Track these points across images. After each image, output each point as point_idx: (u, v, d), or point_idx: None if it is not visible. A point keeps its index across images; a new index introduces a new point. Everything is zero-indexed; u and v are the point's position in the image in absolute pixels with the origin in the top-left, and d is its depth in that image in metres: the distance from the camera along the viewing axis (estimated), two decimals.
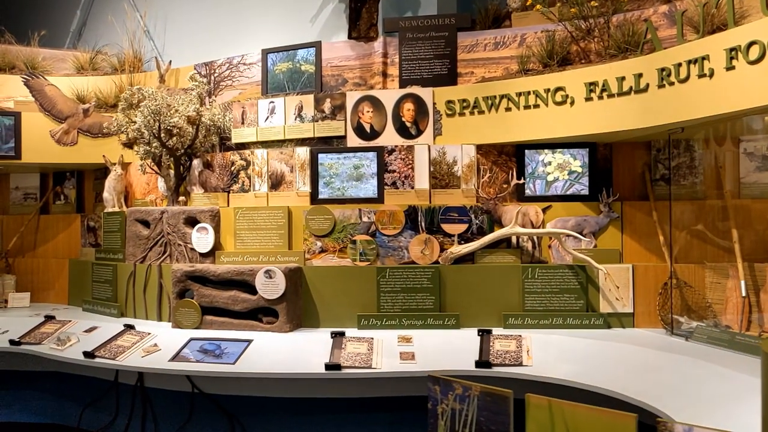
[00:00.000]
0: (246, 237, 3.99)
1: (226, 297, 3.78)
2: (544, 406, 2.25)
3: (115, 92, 4.94)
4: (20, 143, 4.74)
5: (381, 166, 3.91)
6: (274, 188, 4.11)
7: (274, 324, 3.68)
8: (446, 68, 4.06)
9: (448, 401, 2.35)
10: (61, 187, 5.51)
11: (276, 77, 4.38)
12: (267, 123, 4.27)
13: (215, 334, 3.70)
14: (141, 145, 4.23)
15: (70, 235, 5.34)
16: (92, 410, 4.27)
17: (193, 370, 3.37)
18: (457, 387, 2.37)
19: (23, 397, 4.50)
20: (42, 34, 5.21)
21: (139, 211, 4.35)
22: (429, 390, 2.61)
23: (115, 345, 3.74)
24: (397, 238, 3.80)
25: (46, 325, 4.27)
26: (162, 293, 4.12)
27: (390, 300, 3.70)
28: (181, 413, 3.85)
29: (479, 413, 2.31)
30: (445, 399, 2.43)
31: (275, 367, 3.30)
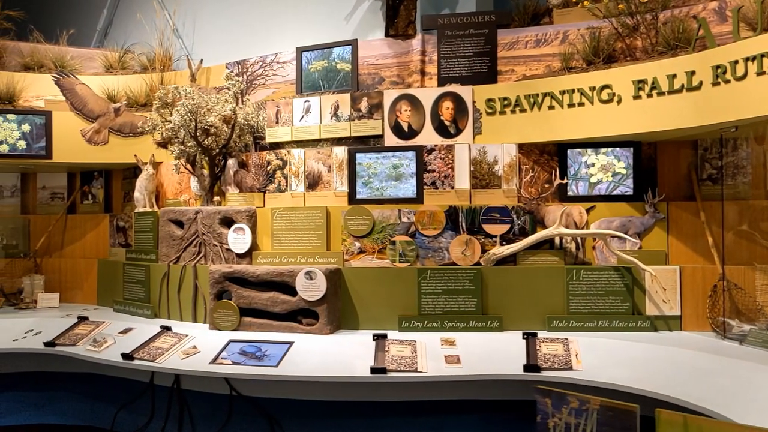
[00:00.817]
0: (283, 237, 3.94)
1: (265, 298, 3.73)
2: (678, 422, 2.12)
3: (146, 91, 4.91)
4: (51, 143, 4.71)
5: (420, 166, 3.85)
6: (311, 188, 4.06)
7: (314, 326, 3.63)
8: (486, 66, 3.99)
9: (562, 415, 2.27)
10: (89, 187, 5.48)
11: (311, 76, 4.33)
12: (302, 122, 4.22)
13: (254, 336, 3.65)
14: (175, 145, 4.18)
15: (98, 235, 5.31)
16: (126, 412, 4.23)
17: (234, 373, 3.33)
18: (573, 400, 2.28)
19: (56, 398, 4.47)
20: (71, 33, 5.17)
21: (172, 211, 4.31)
22: (538, 403, 2.51)
23: (153, 347, 3.70)
24: (437, 239, 3.74)
25: (79, 326, 4.24)
26: (197, 294, 4.08)
27: (431, 302, 3.64)
28: (218, 416, 3.80)
29: (599, 428, 2.21)
30: (557, 412, 2.33)
31: (319, 370, 3.25)
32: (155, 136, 4.39)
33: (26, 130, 4.65)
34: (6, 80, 4.74)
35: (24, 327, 4.35)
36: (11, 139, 4.61)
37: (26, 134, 4.65)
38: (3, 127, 4.59)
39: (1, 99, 4.69)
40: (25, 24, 5.11)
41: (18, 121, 4.63)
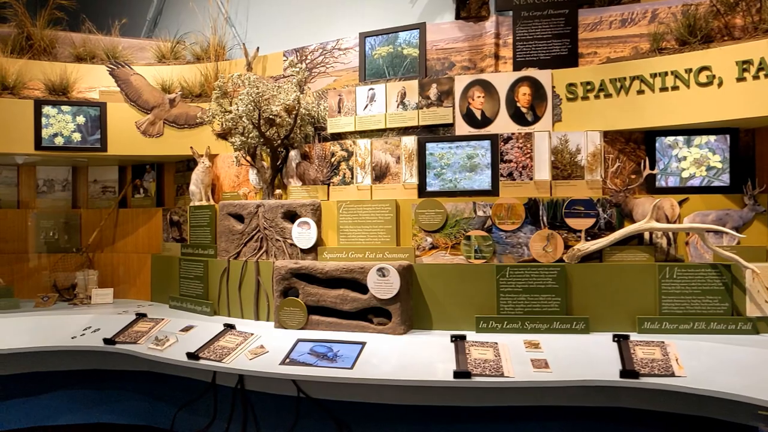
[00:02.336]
0: (350, 232, 3.75)
1: (334, 296, 3.54)
2: None
3: (201, 81, 4.76)
4: (106, 135, 4.60)
5: (496, 156, 3.62)
6: (378, 180, 3.86)
7: (387, 325, 3.43)
8: (566, 48, 3.73)
9: None
10: (141, 180, 5.37)
11: (375, 62, 4.12)
12: (366, 111, 4.02)
13: (323, 335, 3.47)
14: (236, 136, 4.02)
15: (151, 229, 5.20)
16: (186, 412, 4.10)
17: (308, 375, 3.15)
18: None
19: (113, 397, 4.37)
20: (123, 22, 5.06)
21: (232, 205, 4.15)
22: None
23: (218, 346, 3.55)
24: (516, 233, 3.50)
25: (138, 324, 4.12)
26: (260, 291, 3.92)
27: (511, 301, 3.41)
28: (284, 418, 3.64)
29: None
30: None
31: (397, 373, 3.05)
32: (214, 126, 4.23)
33: (81, 122, 4.54)
34: (59, 71, 4.64)
35: (82, 324, 4.25)
36: (66, 131, 4.51)
37: (81, 126, 4.54)
38: (58, 119, 4.49)
39: (56, 90, 4.59)
40: (77, 14, 5.01)
41: (73, 113, 4.53)
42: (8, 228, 5.16)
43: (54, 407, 4.33)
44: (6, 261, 5.11)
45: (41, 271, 5.19)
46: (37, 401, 4.31)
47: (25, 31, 4.70)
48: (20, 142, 4.40)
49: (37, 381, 4.30)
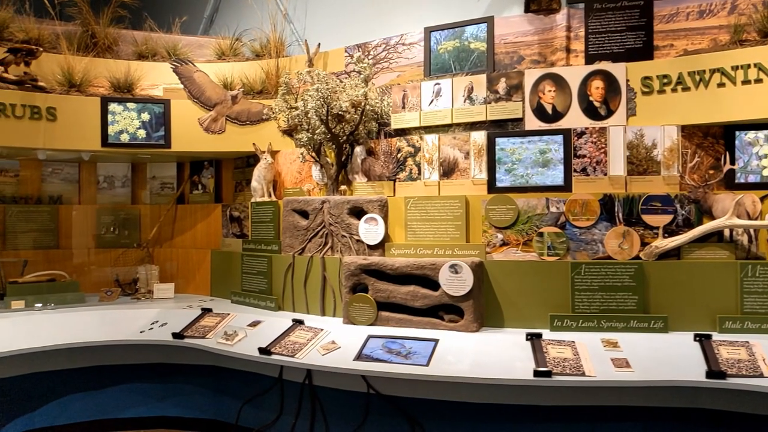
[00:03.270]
0: (418, 228, 3.73)
1: (405, 292, 3.53)
2: None
3: (262, 78, 4.78)
4: (170, 131, 4.65)
5: (569, 151, 3.56)
6: (446, 176, 3.83)
7: (459, 323, 3.41)
8: (641, 41, 3.64)
9: None
10: (199, 177, 5.43)
11: (440, 57, 4.08)
12: (431, 107, 3.99)
13: (394, 332, 3.46)
14: (302, 132, 4.03)
15: (210, 225, 5.26)
16: (252, 407, 4.14)
17: (383, 372, 3.13)
18: None
19: (179, 390, 4.43)
20: (183, 20, 5.11)
21: (296, 201, 4.17)
22: None
23: (289, 341, 3.56)
24: (591, 230, 3.44)
25: (205, 318, 4.17)
26: (326, 286, 3.93)
27: (586, 299, 3.35)
28: (353, 414, 3.65)
29: None
30: None
31: (474, 371, 3.02)
32: (280, 123, 4.25)
33: (146, 119, 4.61)
34: (123, 69, 4.71)
35: (148, 318, 4.31)
36: (131, 128, 4.58)
37: (146, 123, 4.61)
38: (123, 116, 4.56)
39: (120, 88, 4.66)
40: (138, 12, 5.09)
41: (138, 109, 4.59)
42: (70, 224, 5.28)
43: (120, 400, 4.41)
44: (69, 256, 5.22)
45: (103, 266, 5.29)
46: (104, 394, 4.39)
47: (89, 30, 4.78)
48: (87, 139, 4.48)
49: (104, 374, 4.38)
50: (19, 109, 4.22)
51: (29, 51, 4.27)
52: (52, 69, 4.52)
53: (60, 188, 5.32)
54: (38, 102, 4.30)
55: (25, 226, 5.07)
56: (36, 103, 4.29)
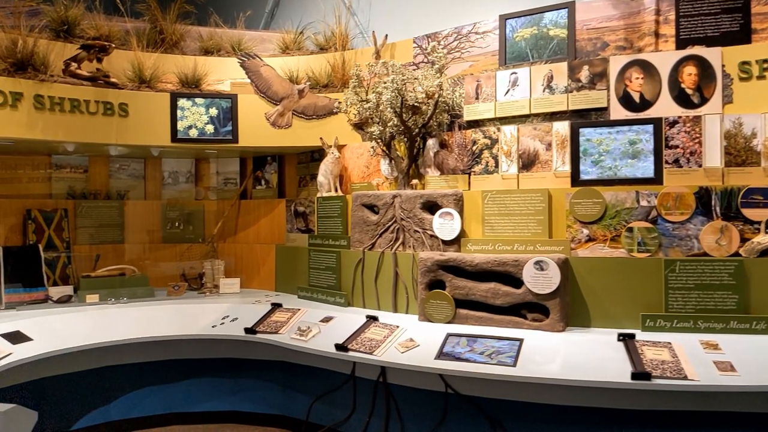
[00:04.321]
0: (496, 223, 3.59)
1: (485, 289, 3.41)
2: None
3: (328, 71, 4.72)
4: (237, 126, 4.64)
5: (660, 141, 3.36)
6: (526, 169, 3.68)
7: (544, 322, 3.26)
8: (737, 24, 3.41)
9: None
10: (262, 172, 5.42)
11: (517, 45, 3.93)
12: (507, 97, 3.84)
13: (474, 331, 3.34)
14: (374, 125, 3.95)
15: (273, 220, 5.24)
16: (323, 404, 4.09)
17: (468, 372, 3.01)
18: None
19: (248, 386, 4.42)
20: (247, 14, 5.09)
21: (366, 196, 4.09)
22: None
23: (365, 338, 3.49)
24: (685, 225, 3.24)
25: (275, 314, 4.13)
26: (398, 282, 3.84)
27: (681, 298, 3.15)
28: (430, 414, 3.55)
29: None
30: None
31: (565, 372, 2.88)
32: (350, 116, 4.17)
33: (213, 114, 4.60)
34: (191, 64, 4.72)
35: (219, 313, 4.31)
36: (200, 123, 4.58)
37: (214, 118, 4.61)
38: (192, 112, 4.57)
39: (188, 83, 4.67)
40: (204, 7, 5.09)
41: (206, 105, 4.59)
42: (137, 219, 5.33)
43: (191, 394, 4.44)
44: (135, 251, 5.28)
45: (168, 261, 5.33)
46: (176, 388, 4.42)
47: (157, 26, 4.81)
48: (158, 135, 4.50)
49: (175, 368, 4.41)
50: (92, 105, 4.27)
51: (102, 47, 4.31)
52: (122, 65, 4.55)
53: (126, 184, 5.38)
54: (111, 98, 4.34)
55: (94, 221, 5.14)
56: (109, 99, 4.33)
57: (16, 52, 4.01)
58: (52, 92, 4.11)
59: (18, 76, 4.02)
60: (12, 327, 3.66)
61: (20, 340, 3.56)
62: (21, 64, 4.05)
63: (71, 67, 4.27)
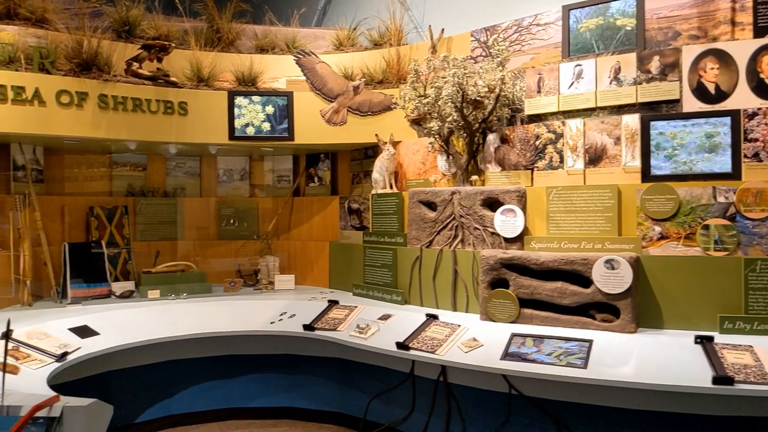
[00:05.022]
0: (561, 220, 3.49)
1: (551, 289, 3.31)
2: None
3: (382, 67, 4.68)
4: (293, 124, 4.65)
5: (737, 134, 3.20)
6: (593, 164, 3.56)
7: (614, 323, 3.15)
8: None
9: None
10: (315, 169, 5.43)
11: (581, 37, 3.81)
12: (572, 90, 3.73)
13: (539, 331, 3.25)
14: (433, 121, 3.89)
15: (326, 217, 5.24)
16: (380, 402, 4.06)
17: (538, 373, 2.92)
18: None
19: (305, 382, 4.44)
20: (301, 11, 5.10)
21: (423, 192, 4.04)
22: None
23: (426, 337, 3.44)
24: (766, 222, 3.07)
25: (333, 311, 4.13)
26: (457, 281, 3.77)
27: (762, 300, 2.99)
28: (493, 415, 3.48)
29: None
30: None
31: (640, 375, 2.76)
32: (407, 112, 4.12)
33: (270, 111, 4.63)
34: (247, 63, 4.75)
35: (276, 309, 4.33)
36: (257, 121, 4.61)
37: (270, 116, 4.63)
38: (249, 110, 4.60)
39: (244, 81, 4.70)
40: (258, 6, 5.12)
41: (262, 102, 4.62)
42: (192, 216, 5.41)
43: (249, 390, 4.48)
44: (191, 247, 5.36)
45: (224, 257, 5.40)
46: (234, 383, 4.47)
47: (214, 25, 4.86)
48: (216, 133, 4.55)
49: (234, 364, 4.46)
50: (153, 104, 4.34)
51: (162, 47, 4.38)
52: (181, 64, 4.61)
53: (183, 181, 5.47)
54: (171, 97, 4.40)
55: (152, 218, 5.24)
56: (169, 98, 4.40)
57: (82, 53, 4.11)
58: (115, 92, 4.20)
59: (83, 76, 4.12)
60: (79, 321, 3.76)
61: (88, 335, 3.65)
62: (86, 64, 4.15)
63: (133, 66, 4.35)
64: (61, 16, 4.34)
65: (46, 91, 3.96)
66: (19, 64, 3.95)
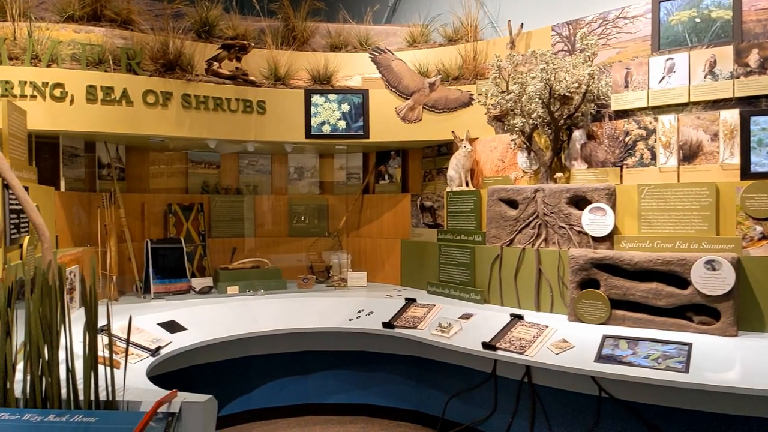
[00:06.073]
0: (654, 219, 3.38)
1: (645, 290, 3.21)
2: None
3: (458, 63, 4.64)
4: (368, 122, 4.66)
5: None
6: (687, 161, 3.44)
7: (714, 325, 3.03)
8: None
9: None
10: (385, 167, 5.43)
11: (672, 30, 3.67)
12: (662, 84, 3.60)
13: (632, 333, 3.16)
14: (517, 117, 3.83)
15: (397, 215, 5.23)
16: (460, 401, 4.04)
17: (638, 377, 2.83)
18: None
19: (381, 379, 4.45)
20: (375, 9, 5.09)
21: (504, 190, 3.98)
22: None
23: (513, 337, 3.39)
24: None
25: (411, 309, 4.12)
26: (540, 280, 3.71)
27: None
28: (581, 417, 3.40)
29: None
30: None
31: (749, 380, 2.65)
32: (489, 108, 4.07)
33: (345, 109, 4.65)
34: (322, 61, 4.78)
35: (352, 306, 4.35)
36: (332, 119, 4.64)
37: (345, 114, 4.65)
38: (325, 108, 4.63)
39: (320, 79, 4.74)
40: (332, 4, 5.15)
41: (338, 101, 4.64)
42: (264, 213, 5.50)
43: (325, 386, 4.52)
44: (265, 244, 5.44)
45: (295, 254, 5.46)
46: (311, 379, 4.52)
47: (290, 24, 4.90)
48: (292, 131, 4.60)
49: (311, 360, 4.50)
50: (233, 103, 4.42)
51: (242, 46, 4.45)
52: (257, 63, 4.68)
53: (255, 179, 5.56)
54: (250, 96, 4.47)
55: (225, 214, 5.35)
56: (248, 96, 4.47)
57: (167, 54, 4.21)
58: (197, 91, 4.29)
59: (167, 76, 4.22)
60: (167, 317, 3.86)
61: (176, 330, 3.75)
62: (170, 64, 4.25)
63: (213, 66, 4.43)
64: (144, 17, 4.46)
65: (133, 91, 4.08)
66: (108, 65, 4.08)
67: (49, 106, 3.82)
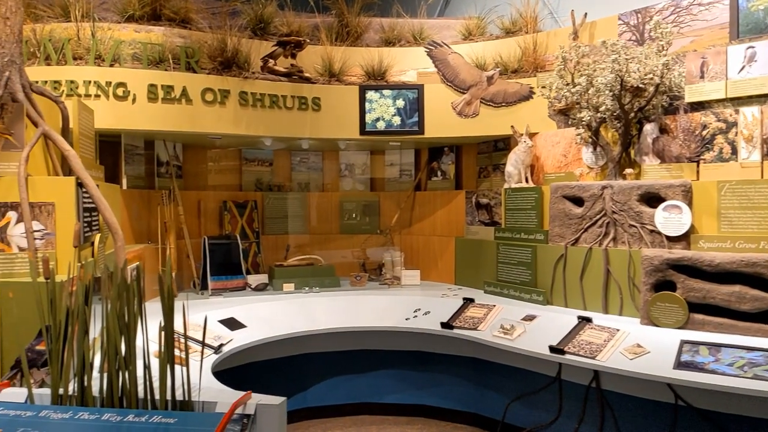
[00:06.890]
0: (736, 218, 3.19)
1: (727, 293, 3.03)
2: None
3: (517, 55, 4.50)
4: (423, 117, 4.57)
5: None
6: None
7: None
8: None
9: None
10: (438, 163, 5.33)
11: (753, 16, 3.46)
12: (743, 74, 3.40)
13: (713, 338, 2.98)
14: (584, 111, 3.68)
15: (451, 212, 5.13)
16: (521, 405, 3.92)
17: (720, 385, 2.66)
18: None
19: (438, 380, 4.36)
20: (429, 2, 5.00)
21: (568, 187, 3.83)
22: None
23: (582, 341, 3.25)
24: None
25: (470, 309, 4.02)
26: (609, 281, 3.55)
27: None
28: (654, 425, 3.24)
29: None
30: None
31: None
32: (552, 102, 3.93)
33: (400, 105, 4.57)
34: (376, 56, 4.71)
35: (407, 305, 4.28)
36: (387, 115, 4.57)
37: (400, 110, 4.57)
38: (380, 104, 4.56)
39: (374, 75, 4.67)
40: None
41: (393, 96, 4.57)
42: (316, 210, 5.47)
43: (381, 385, 4.46)
44: (316, 241, 5.42)
45: (347, 251, 5.42)
46: (366, 378, 4.47)
47: (344, 20, 4.85)
48: (347, 128, 4.55)
49: (365, 359, 4.45)
50: (289, 100, 4.39)
51: (297, 43, 4.41)
52: (311, 60, 4.64)
53: (306, 176, 5.54)
54: (305, 93, 4.44)
55: (279, 212, 5.34)
56: (303, 93, 4.43)
57: (225, 52, 4.21)
58: (254, 89, 4.28)
59: (225, 74, 4.22)
60: (226, 314, 3.85)
61: (236, 327, 3.74)
62: (227, 62, 4.25)
63: (269, 63, 4.41)
64: (202, 16, 4.48)
65: (192, 89, 4.09)
66: (167, 64, 4.11)
67: (112, 106, 3.86)
